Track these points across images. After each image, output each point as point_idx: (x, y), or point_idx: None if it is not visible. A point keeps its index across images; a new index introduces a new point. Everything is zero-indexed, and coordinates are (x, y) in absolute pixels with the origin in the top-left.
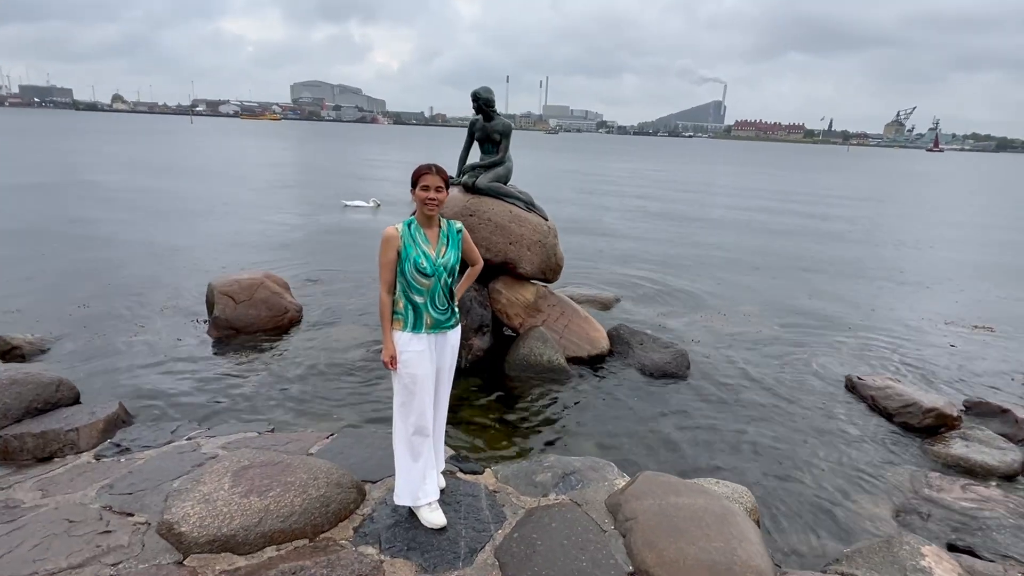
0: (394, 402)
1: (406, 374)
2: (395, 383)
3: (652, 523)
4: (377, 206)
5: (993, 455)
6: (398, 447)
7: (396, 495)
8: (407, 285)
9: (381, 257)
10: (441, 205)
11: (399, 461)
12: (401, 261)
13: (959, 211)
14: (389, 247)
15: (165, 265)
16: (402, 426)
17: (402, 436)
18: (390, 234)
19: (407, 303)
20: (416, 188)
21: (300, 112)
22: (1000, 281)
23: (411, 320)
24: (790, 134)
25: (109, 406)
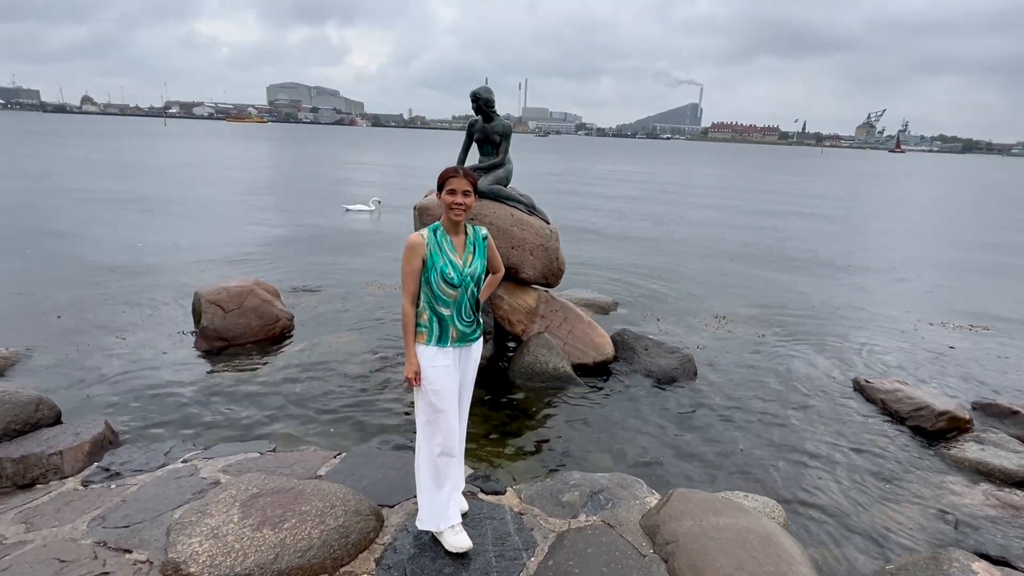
0: (418, 421)
1: (431, 391)
2: (418, 400)
3: (695, 547)
4: (378, 204)
5: (1011, 459)
6: (423, 470)
7: (420, 520)
8: (433, 296)
9: (405, 265)
10: (468, 211)
11: (423, 484)
12: (426, 270)
13: (929, 211)
14: (414, 255)
15: (146, 273)
16: (428, 447)
17: (428, 458)
18: (415, 241)
19: (432, 315)
20: (442, 192)
21: (277, 114)
22: (987, 280)
23: (436, 333)
24: (765, 136)
25: (94, 426)
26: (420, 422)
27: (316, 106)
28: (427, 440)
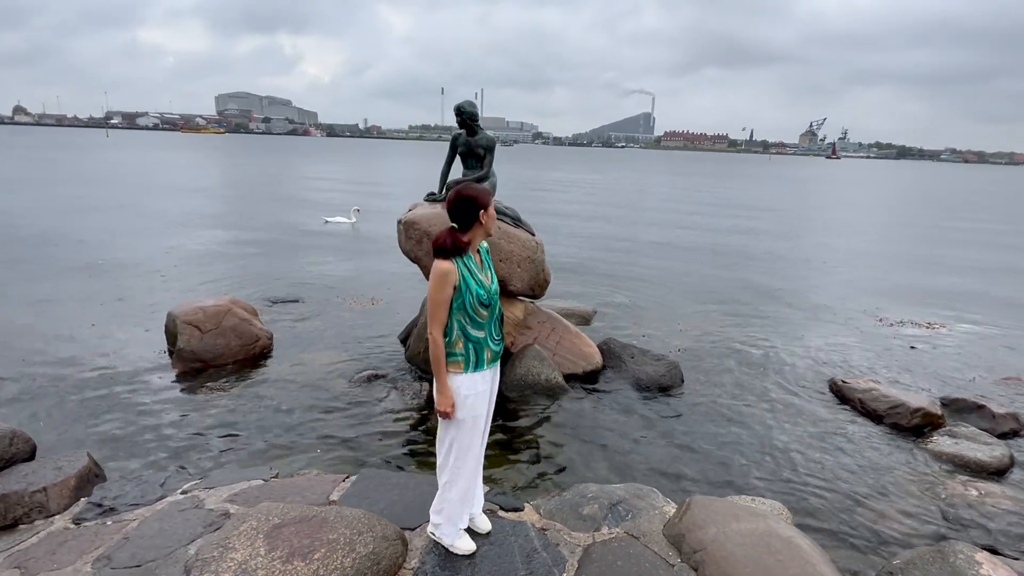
0: (450, 446)
1: (471, 417)
2: (452, 429)
3: (722, 554)
4: (358, 213)
5: (983, 451)
6: (455, 492)
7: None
8: (468, 321)
9: (437, 295)
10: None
11: (452, 505)
12: (459, 296)
13: (870, 214)
14: (447, 283)
15: (111, 293)
16: (462, 471)
17: (461, 482)
18: (448, 268)
19: (466, 342)
20: (484, 213)
21: (227, 124)
22: (936, 279)
23: (472, 360)
24: (715, 144)
25: (77, 459)
26: (457, 447)
27: (268, 116)
28: (463, 463)
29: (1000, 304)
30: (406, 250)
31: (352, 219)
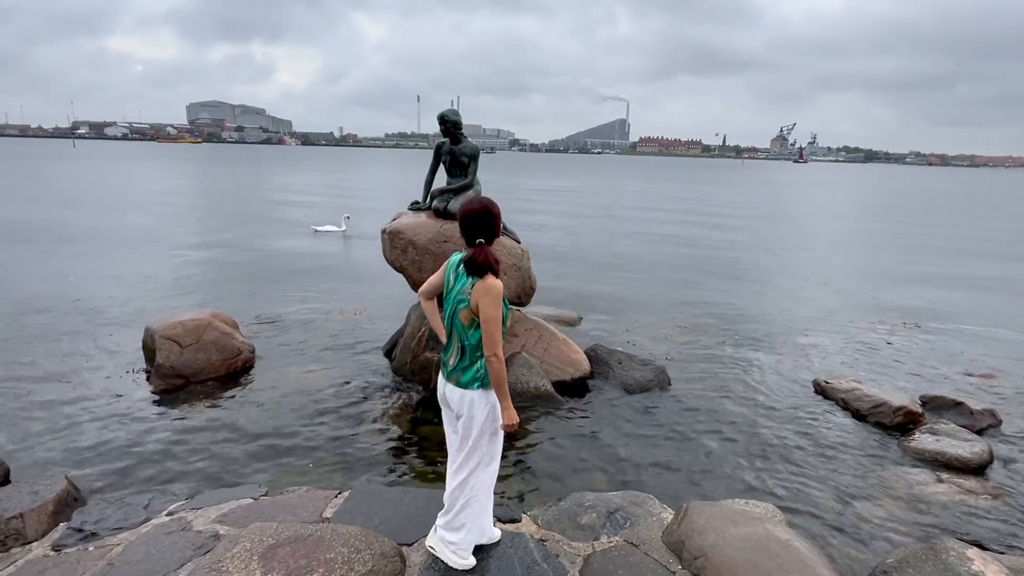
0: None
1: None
2: (492, 441)
3: (723, 560)
4: (347, 220)
5: (964, 447)
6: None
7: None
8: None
9: (495, 312)
10: None
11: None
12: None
13: (838, 217)
14: (501, 301)
15: (83, 310)
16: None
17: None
18: (501, 286)
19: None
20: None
21: (199, 133)
22: (905, 278)
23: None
24: (689, 149)
25: (54, 483)
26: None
27: (241, 125)
28: (492, 473)
29: (968, 303)
30: (391, 260)
31: (343, 227)
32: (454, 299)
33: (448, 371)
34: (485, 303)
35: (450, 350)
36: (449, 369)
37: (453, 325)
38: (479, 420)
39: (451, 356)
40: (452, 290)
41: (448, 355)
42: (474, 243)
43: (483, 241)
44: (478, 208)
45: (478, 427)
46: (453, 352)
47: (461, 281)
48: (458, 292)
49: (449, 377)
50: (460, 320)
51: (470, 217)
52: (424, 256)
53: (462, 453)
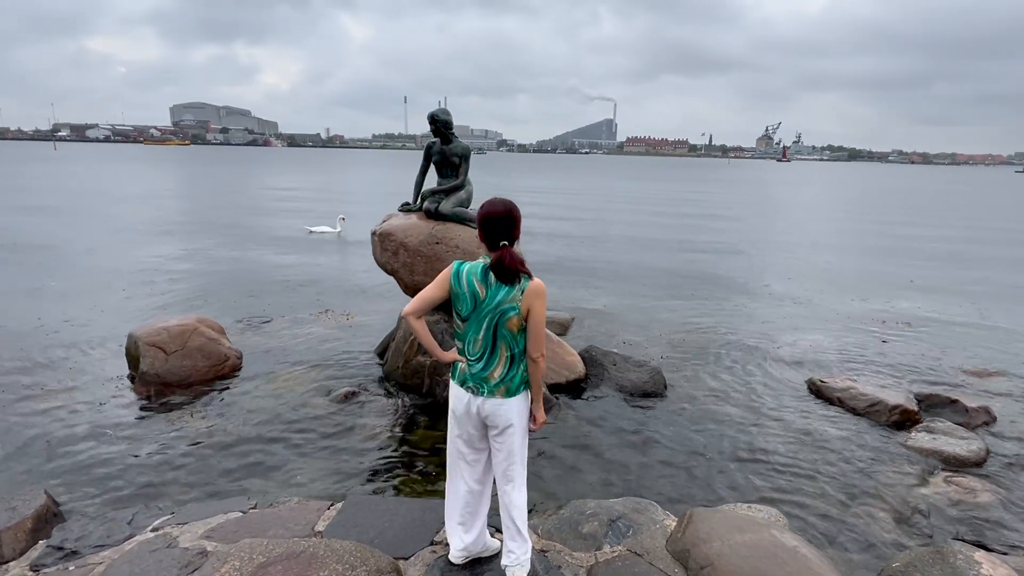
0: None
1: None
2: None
3: (731, 569)
4: (342, 221)
5: (961, 445)
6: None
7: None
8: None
9: (545, 314)
10: None
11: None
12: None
13: (824, 215)
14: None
15: (63, 315)
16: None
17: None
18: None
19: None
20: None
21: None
22: (892, 278)
23: None
24: (676, 149)
25: (33, 498)
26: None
27: (226, 126)
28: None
29: (955, 301)
30: (382, 262)
31: (337, 228)
32: (495, 310)
33: (491, 386)
34: (539, 305)
35: (493, 364)
36: (492, 384)
37: (497, 336)
38: (522, 424)
39: (495, 369)
40: (489, 302)
41: (489, 370)
42: (497, 246)
43: (506, 243)
44: (503, 210)
45: (521, 431)
46: (498, 364)
47: (502, 290)
48: (501, 302)
49: (493, 392)
50: (508, 329)
51: (496, 219)
52: (416, 258)
53: (514, 465)
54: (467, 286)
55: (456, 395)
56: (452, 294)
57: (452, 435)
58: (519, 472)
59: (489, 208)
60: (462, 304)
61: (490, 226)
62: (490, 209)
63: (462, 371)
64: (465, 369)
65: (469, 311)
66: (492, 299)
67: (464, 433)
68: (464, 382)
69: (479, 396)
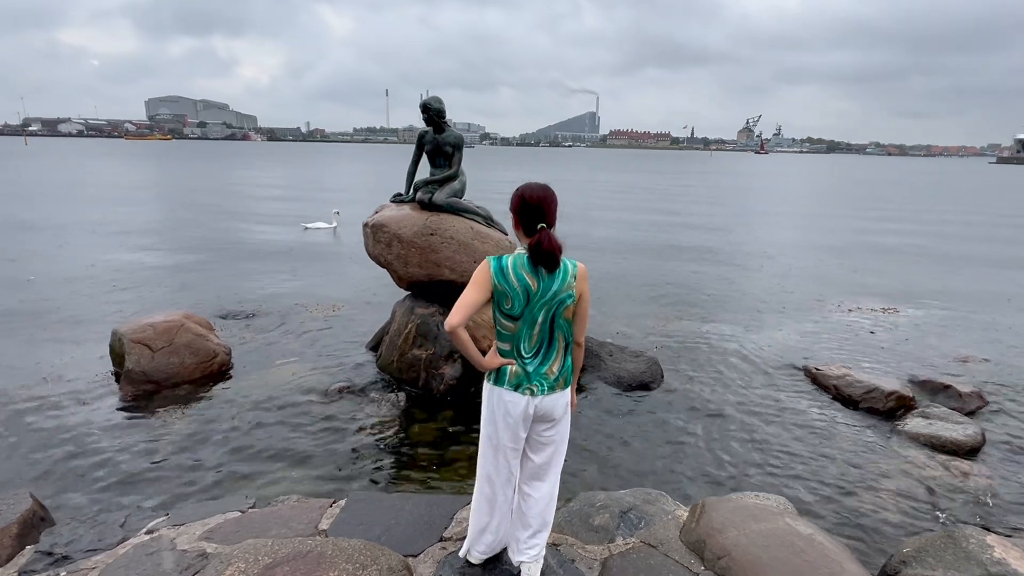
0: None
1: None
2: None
3: (749, 558)
4: (337, 216)
5: (957, 430)
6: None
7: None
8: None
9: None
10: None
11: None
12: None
13: (805, 204)
14: None
15: (44, 311)
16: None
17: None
18: None
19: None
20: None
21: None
22: (879, 264)
23: None
24: (659, 142)
25: (18, 501)
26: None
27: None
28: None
29: (940, 286)
30: (374, 254)
31: (333, 224)
32: (552, 300)
33: (551, 381)
34: (587, 289)
35: (551, 358)
36: (552, 379)
37: (554, 328)
38: (568, 413)
39: (554, 363)
40: (543, 293)
41: (548, 365)
42: (535, 229)
43: (544, 226)
44: (540, 192)
45: (568, 420)
46: (556, 358)
47: (556, 279)
48: (558, 291)
49: (553, 387)
50: (565, 319)
51: (533, 203)
52: (410, 250)
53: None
54: (517, 281)
55: (509, 401)
56: (497, 293)
57: (497, 443)
58: (560, 463)
59: (525, 191)
60: (513, 302)
61: (527, 210)
62: (526, 192)
63: (514, 374)
64: (518, 371)
65: (522, 307)
66: (547, 290)
67: (514, 439)
68: (519, 385)
69: (537, 395)
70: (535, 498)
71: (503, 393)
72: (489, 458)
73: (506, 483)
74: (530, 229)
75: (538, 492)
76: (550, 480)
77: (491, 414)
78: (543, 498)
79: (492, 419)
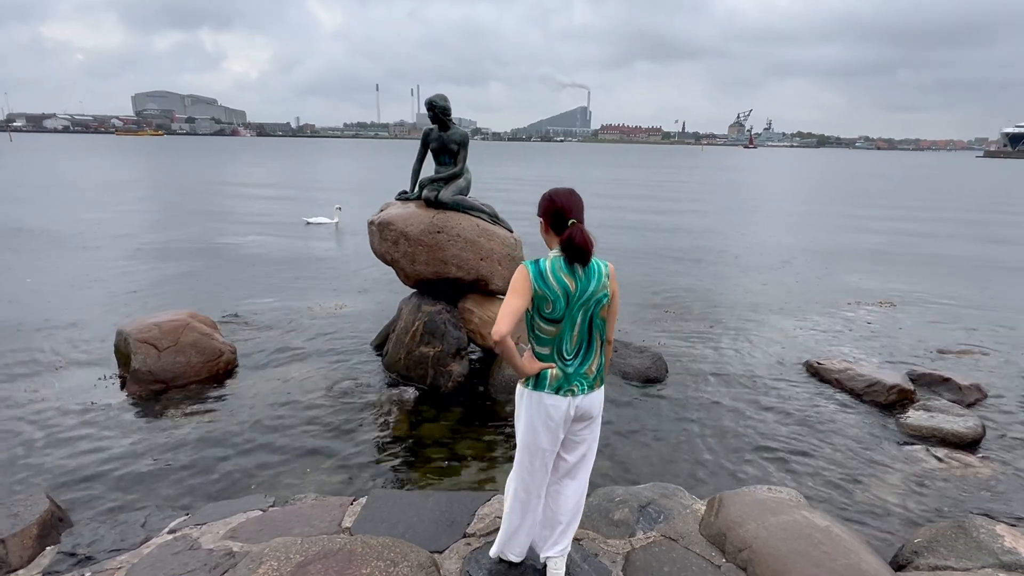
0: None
1: None
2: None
3: (770, 550)
4: (339, 211)
5: (958, 423)
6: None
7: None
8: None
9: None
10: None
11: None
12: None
13: (796, 200)
14: None
15: (44, 313)
16: None
17: None
18: None
19: None
20: None
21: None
22: (869, 259)
23: None
24: (650, 136)
25: (34, 503)
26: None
27: (192, 116)
28: None
29: (933, 281)
30: (381, 252)
31: (335, 219)
32: (590, 300)
33: (590, 381)
34: (616, 286)
35: (591, 357)
36: (592, 378)
37: (592, 328)
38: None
39: (592, 362)
40: (582, 294)
41: (588, 364)
42: (566, 225)
43: (574, 220)
44: (569, 196)
45: (600, 419)
46: (595, 357)
47: (593, 279)
48: (595, 291)
49: (592, 386)
50: (601, 318)
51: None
52: (417, 248)
53: (591, 451)
54: (556, 284)
55: (551, 404)
56: (537, 298)
57: (536, 448)
58: (592, 460)
59: (554, 195)
60: (554, 305)
61: (557, 213)
62: (555, 196)
63: (555, 377)
64: (558, 374)
65: (563, 309)
66: (584, 290)
67: (554, 441)
68: (559, 388)
69: (578, 396)
70: (566, 496)
71: (544, 397)
72: (526, 464)
73: (540, 485)
74: (560, 226)
75: (569, 490)
76: (581, 478)
77: (530, 420)
78: (574, 496)
79: (531, 425)
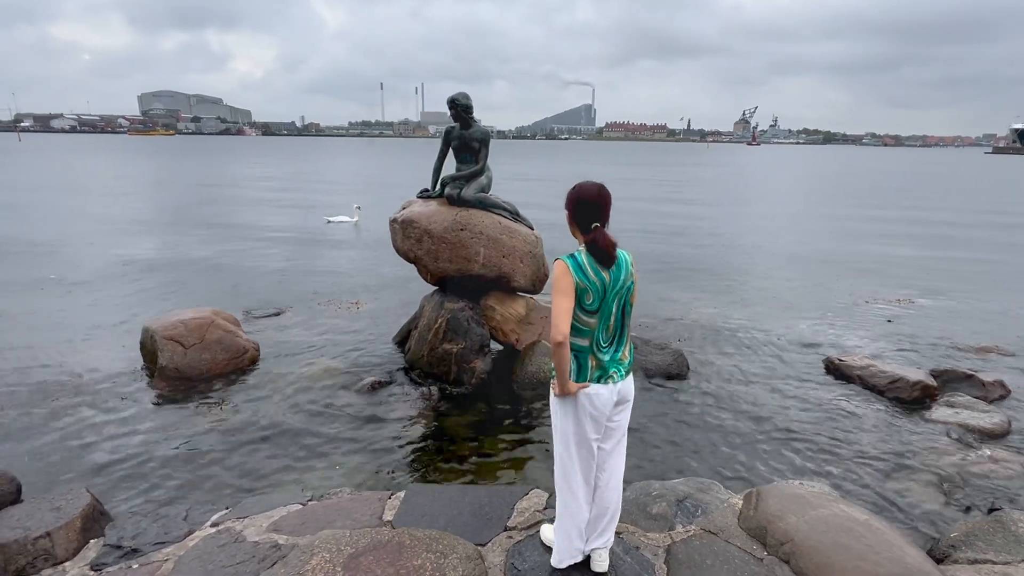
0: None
1: None
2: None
3: (812, 544)
4: (359, 210)
5: (983, 418)
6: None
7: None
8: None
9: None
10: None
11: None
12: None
13: (808, 198)
14: None
15: (68, 310)
16: None
17: None
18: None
19: None
20: None
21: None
22: (890, 255)
23: None
24: (655, 134)
25: (76, 497)
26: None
27: (198, 115)
28: None
29: (950, 278)
30: (403, 250)
31: (355, 218)
32: (622, 288)
33: (626, 366)
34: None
35: (623, 343)
36: (627, 363)
37: (624, 315)
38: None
39: (625, 348)
40: (615, 283)
41: (621, 350)
42: (590, 228)
43: (598, 225)
44: (595, 192)
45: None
46: (627, 342)
47: (622, 270)
48: (626, 279)
49: (628, 370)
50: (631, 304)
51: (589, 202)
52: (440, 245)
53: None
54: (595, 276)
55: (594, 394)
56: (579, 291)
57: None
58: (625, 447)
59: (582, 191)
60: (594, 296)
61: (583, 209)
62: (583, 192)
63: (595, 367)
64: (596, 364)
65: (600, 300)
66: (616, 280)
67: (597, 429)
68: (600, 377)
69: (617, 382)
70: (610, 486)
71: (590, 388)
72: (575, 457)
73: (585, 482)
74: (585, 226)
75: (609, 479)
76: (620, 466)
77: (574, 413)
78: (613, 485)
79: (576, 418)
